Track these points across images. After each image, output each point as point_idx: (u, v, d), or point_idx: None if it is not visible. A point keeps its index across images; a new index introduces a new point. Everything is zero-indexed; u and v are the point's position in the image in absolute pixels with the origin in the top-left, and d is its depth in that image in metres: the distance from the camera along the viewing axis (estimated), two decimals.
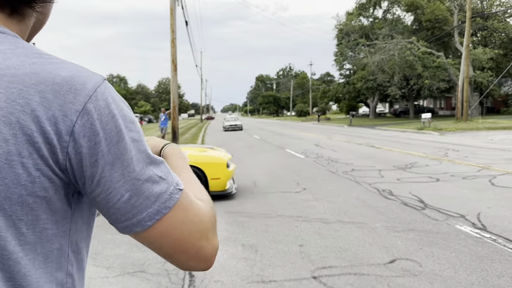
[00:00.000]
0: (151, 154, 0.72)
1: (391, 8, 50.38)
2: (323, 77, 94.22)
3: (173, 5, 16.76)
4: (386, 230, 5.22)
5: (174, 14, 16.85)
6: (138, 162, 0.69)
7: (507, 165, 10.05)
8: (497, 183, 7.86)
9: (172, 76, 17.40)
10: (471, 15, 29.33)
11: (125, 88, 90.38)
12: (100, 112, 0.66)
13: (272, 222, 5.78)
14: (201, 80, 69.10)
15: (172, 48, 16.94)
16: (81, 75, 0.68)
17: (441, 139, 19.03)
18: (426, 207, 6.30)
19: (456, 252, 4.34)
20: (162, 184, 0.70)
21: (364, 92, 49.22)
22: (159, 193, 0.69)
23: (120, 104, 0.71)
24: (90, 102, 0.66)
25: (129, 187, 0.67)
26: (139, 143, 0.70)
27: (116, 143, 0.67)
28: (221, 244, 4.90)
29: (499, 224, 5.25)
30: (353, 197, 7.18)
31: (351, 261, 4.22)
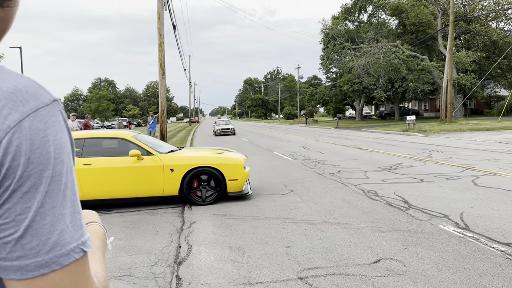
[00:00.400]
0: (74, 199, 0.65)
1: (376, 12, 51.03)
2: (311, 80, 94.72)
3: (160, 9, 16.73)
4: (371, 230, 5.29)
5: (162, 18, 16.82)
6: (52, 200, 0.61)
7: (489, 166, 10.24)
8: (480, 183, 8.02)
9: (160, 80, 17.35)
10: (454, 19, 29.83)
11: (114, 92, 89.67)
12: (34, 134, 0.61)
13: (259, 224, 5.81)
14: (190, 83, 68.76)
15: (160, 52, 16.89)
16: (28, 91, 0.63)
17: (426, 140, 19.29)
18: (410, 207, 6.40)
19: (440, 251, 4.43)
20: (66, 234, 0.62)
21: (350, 95, 49.67)
22: (57, 243, 0.60)
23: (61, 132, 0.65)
24: (26, 120, 0.61)
25: (29, 224, 0.59)
26: (63, 179, 0.63)
27: (40, 171, 0.61)
28: (209, 246, 4.93)
29: (482, 223, 5.36)
30: (339, 198, 7.25)
31: (336, 261, 4.28)
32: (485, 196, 6.90)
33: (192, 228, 5.75)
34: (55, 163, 0.62)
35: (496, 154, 12.62)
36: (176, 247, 4.97)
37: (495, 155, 12.50)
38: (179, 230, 5.69)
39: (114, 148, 7.40)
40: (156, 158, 7.27)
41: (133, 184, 7.17)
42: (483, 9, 43.69)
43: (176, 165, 7.27)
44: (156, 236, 5.45)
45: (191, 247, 4.93)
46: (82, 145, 7.18)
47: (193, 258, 4.58)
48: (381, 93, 42.09)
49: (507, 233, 4.89)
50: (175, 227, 5.87)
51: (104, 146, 7.49)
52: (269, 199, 7.44)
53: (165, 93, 18.48)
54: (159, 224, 6.04)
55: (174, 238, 5.35)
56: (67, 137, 0.67)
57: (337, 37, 49.01)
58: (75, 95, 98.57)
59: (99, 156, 7.23)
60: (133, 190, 7.23)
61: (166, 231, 5.66)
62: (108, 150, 7.39)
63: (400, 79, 40.57)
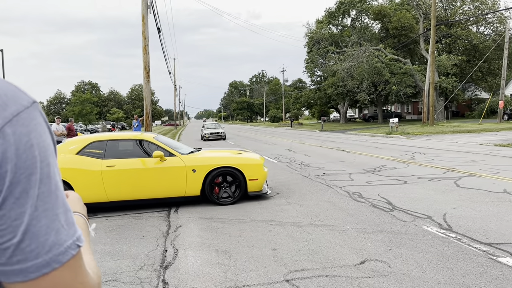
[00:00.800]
0: (63, 197, 0.67)
1: (359, 17, 51.65)
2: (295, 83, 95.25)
3: (145, 12, 16.65)
4: (356, 232, 5.34)
5: (146, 22, 16.73)
6: (44, 202, 0.62)
7: (471, 167, 10.44)
8: (462, 185, 8.17)
9: (145, 83, 17.23)
10: (435, 23, 30.38)
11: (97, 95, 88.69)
12: (18, 139, 0.61)
13: (246, 227, 5.82)
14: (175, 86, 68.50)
15: (145, 55, 16.79)
16: (6, 94, 0.62)
17: (409, 142, 19.56)
18: (394, 208, 6.48)
19: (424, 252, 4.50)
20: (62, 233, 0.63)
21: (334, 98, 50.09)
22: (55, 243, 0.62)
23: (43, 134, 0.65)
24: (9, 125, 0.60)
25: (26, 228, 0.60)
26: (52, 180, 0.64)
27: (28, 176, 0.61)
28: (195, 250, 4.91)
29: (464, 224, 5.46)
30: (324, 200, 7.30)
31: (322, 263, 4.31)
32: (467, 197, 7.03)
33: (178, 232, 5.72)
34: (41, 166, 0.63)
35: (477, 156, 12.87)
36: (162, 251, 4.94)
37: (477, 156, 12.75)
38: (165, 234, 5.65)
39: (136, 150, 7.47)
40: (178, 159, 7.37)
41: (156, 185, 7.23)
42: (464, 13, 44.61)
43: (198, 165, 7.39)
44: (141, 241, 5.41)
45: (177, 251, 4.91)
46: (105, 147, 7.23)
47: (179, 262, 4.56)
48: (364, 96, 42.58)
49: (488, 233, 4.99)
50: (161, 231, 5.84)
51: (126, 147, 7.55)
52: (255, 202, 7.45)
53: (150, 96, 18.37)
54: (145, 228, 6.00)
55: (160, 242, 5.32)
56: (50, 138, 0.67)
57: (321, 40, 49.46)
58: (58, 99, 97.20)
59: (121, 157, 7.26)
60: (156, 191, 7.29)
61: (152, 235, 5.62)
62: (130, 151, 7.44)
63: (383, 83, 41.11)
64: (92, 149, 7.17)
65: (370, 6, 48.53)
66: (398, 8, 47.01)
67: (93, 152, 7.14)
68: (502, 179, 8.61)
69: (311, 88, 61.11)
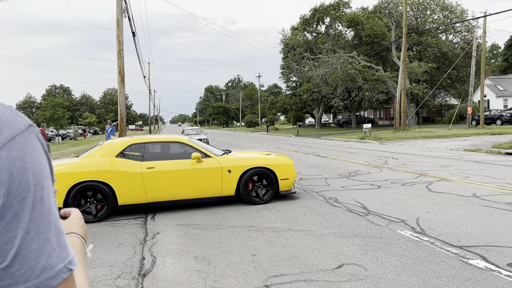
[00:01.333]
0: (56, 220, 0.66)
1: (333, 24, 52.56)
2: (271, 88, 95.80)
3: (119, 16, 16.47)
4: (333, 236, 5.44)
5: (121, 26, 16.55)
6: (37, 226, 0.62)
7: (442, 172, 10.77)
8: (433, 189, 8.41)
9: (119, 87, 17.02)
10: (407, 31, 31.20)
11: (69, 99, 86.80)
12: (12, 164, 0.61)
13: (224, 233, 5.83)
14: (149, 91, 67.66)
15: (119, 59, 16.59)
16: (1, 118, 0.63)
17: (381, 147, 19.98)
18: (369, 213, 6.62)
19: (398, 255, 4.62)
20: (53, 257, 0.63)
21: (309, 103, 50.69)
22: (45, 267, 0.62)
23: (38, 157, 0.65)
24: (3, 150, 0.61)
25: (17, 252, 0.60)
26: (45, 204, 0.64)
27: (20, 200, 0.61)
28: (173, 257, 4.89)
29: (436, 227, 5.64)
30: (301, 205, 7.39)
31: (301, 268, 4.37)
32: (439, 201, 7.25)
33: (156, 239, 5.68)
34: (35, 190, 0.63)
35: (447, 161, 13.27)
36: (140, 259, 4.89)
37: (447, 161, 13.15)
38: (142, 242, 5.60)
39: (173, 152, 7.70)
40: (214, 160, 7.62)
41: (193, 186, 7.44)
42: (434, 22, 46.01)
43: (234, 166, 7.64)
44: (118, 248, 5.35)
45: (156, 259, 4.88)
46: (143, 149, 7.41)
47: (157, 269, 4.53)
48: (338, 102, 43.24)
49: (459, 237, 5.17)
50: (138, 238, 5.78)
51: (163, 149, 7.77)
52: (233, 208, 7.46)
53: (124, 101, 18.14)
54: (121, 236, 5.93)
55: (138, 249, 5.26)
56: (45, 160, 0.67)
57: (296, 47, 50.03)
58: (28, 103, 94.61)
59: (159, 159, 7.44)
60: (193, 192, 7.49)
61: (129, 243, 5.56)
62: (167, 153, 7.66)
63: (356, 89, 41.90)
64: (131, 151, 7.32)
65: (343, 14, 49.47)
66: (370, 16, 48.10)
67: (132, 154, 7.30)
68: (471, 183, 8.92)
69: (286, 93, 61.65)
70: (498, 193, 7.77)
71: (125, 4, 17.21)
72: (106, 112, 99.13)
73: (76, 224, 0.98)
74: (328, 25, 53.00)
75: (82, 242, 0.94)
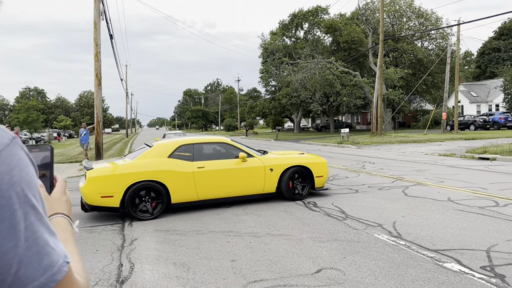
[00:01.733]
0: (47, 222, 0.70)
1: (311, 30, 53.11)
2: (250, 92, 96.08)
3: (97, 19, 16.25)
4: (312, 240, 5.48)
5: (99, 28, 16.33)
6: (33, 232, 0.66)
7: (417, 176, 10.99)
8: (409, 193, 8.58)
9: (96, 90, 16.77)
10: (383, 38, 31.81)
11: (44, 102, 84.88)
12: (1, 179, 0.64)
13: (204, 238, 5.80)
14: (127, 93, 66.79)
15: (96, 62, 16.36)
16: None
17: (359, 152, 20.25)
18: (347, 217, 6.71)
19: (376, 259, 4.69)
20: (53, 255, 0.68)
21: (288, 107, 50.99)
22: (48, 265, 0.67)
23: (26, 167, 0.69)
24: None
25: (20, 259, 0.64)
26: (37, 210, 0.68)
27: (13, 212, 0.64)
28: (152, 263, 4.84)
29: (412, 231, 5.75)
30: (281, 210, 7.42)
31: (280, 273, 4.39)
32: (415, 206, 7.40)
33: (134, 245, 5.61)
34: (25, 200, 0.66)
35: (423, 165, 13.56)
36: (118, 266, 4.82)
37: (422, 166, 13.43)
38: (120, 248, 5.52)
39: (218, 152, 8.15)
40: (257, 159, 8.16)
41: (239, 184, 7.91)
42: (410, 29, 47.06)
43: (275, 165, 8.20)
44: (95, 255, 5.26)
45: (134, 265, 4.82)
46: (192, 150, 7.80)
47: (136, 276, 4.47)
48: (317, 106, 43.67)
49: (435, 240, 5.29)
50: (116, 244, 5.69)
51: (209, 150, 8.16)
52: (213, 213, 7.44)
53: (101, 104, 17.90)
54: (98, 242, 5.83)
55: (115, 256, 5.19)
56: (32, 169, 0.70)
57: (275, 52, 50.32)
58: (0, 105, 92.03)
59: (207, 159, 7.83)
60: (239, 189, 7.96)
61: (106, 249, 5.48)
62: (213, 153, 8.10)
63: (334, 94, 42.41)
64: (181, 152, 7.68)
65: (322, 20, 50.05)
66: (348, 22, 48.86)
67: (182, 155, 7.67)
68: (446, 187, 9.14)
69: (266, 97, 61.87)
70: (471, 197, 7.98)
71: (103, 7, 17.01)
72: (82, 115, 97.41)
73: (60, 203, 0.99)
74: (307, 30, 53.54)
75: (68, 221, 0.96)
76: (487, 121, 40.29)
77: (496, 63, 65.47)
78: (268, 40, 53.47)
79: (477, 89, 56.69)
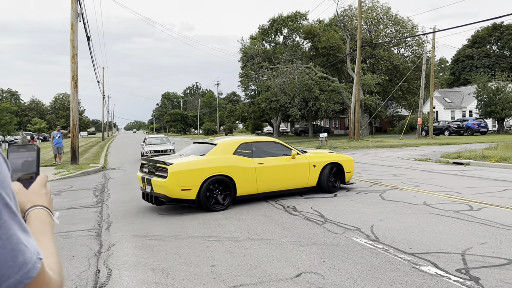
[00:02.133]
0: (20, 219, 0.71)
1: (291, 35, 53.57)
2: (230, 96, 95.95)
3: (74, 20, 15.98)
4: (292, 245, 5.50)
5: (76, 30, 16.06)
6: (6, 230, 0.67)
7: (394, 180, 11.18)
8: (386, 197, 8.72)
9: (72, 93, 16.47)
10: (361, 44, 32.32)
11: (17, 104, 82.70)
12: None
13: (183, 243, 5.75)
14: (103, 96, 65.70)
15: (73, 64, 16.07)
16: None
17: None
18: (326, 221, 6.76)
19: (354, 263, 4.74)
20: (26, 252, 0.69)
21: (268, 112, 51.15)
22: (23, 262, 0.68)
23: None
24: None
25: None
26: (10, 208, 0.69)
27: None
28: (130, 269, 4.76)
29: (390, 235, 5.84)
30: (261, 214, 7.43)
31: (261, 277, 4.39)
32: (392, 210, 7.52)
33: (111, 251, 5.51)
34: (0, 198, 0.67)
35: (399, 170, 13.80)
36: (95, 272, 4.73)
37: (399, 170, 13.67)
38: (97, 254, 5.42)
39: (271, 150, 9.08)
40: (303, 157, 9.29)
41: (290, 178, 8.99)
42: (386, 36, 47.97)
43: (317, 162, 9.43)
44: (72, 261, 5.14)
45: (111, 271, 4.73)
46: (251, 148, 8.69)
47: (113, 282, 4.39)
48: (296, 111, 43.99)
49: (412, 244, 5.39)
50: (92, 250, 5.59)
51: (263, 148, 9.00)
52: (192, 218, 7.38)
53: (77, 107, 17.61)
54: (75, 248, 5.71)
55: (92, 262, 5.09)
56: (5, 167, 0.72)
57: (255, 56, 50.47)
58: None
59: (262, 156, 8.73)
60: (289, 183, 9.02)
61: (83, 255, 5.37)
62: (266, 151, 8.96)
63: (313, 99, 42.82)
64: (242, 149, 8.52)
65: (301, 26, 50.56)
66: (327, 28, 49.46)
67: (244, 152, 8.52)
68: (422, 192, 9.32)
69: (245, 102, 61.92)
70: (446, 201, 8.17)
71: (80, 8, 16.74)
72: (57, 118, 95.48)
73: (39, 195, 0.99)
74: (286, 36, 53.96)
75: (47, 213, 0.96)
76: (461, 127, 41.37)
77: (469, 70, 67.36)
78: (247, 44, 53.62)
79: (451, 95, 58.15)
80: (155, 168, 7.95)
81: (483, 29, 71.93)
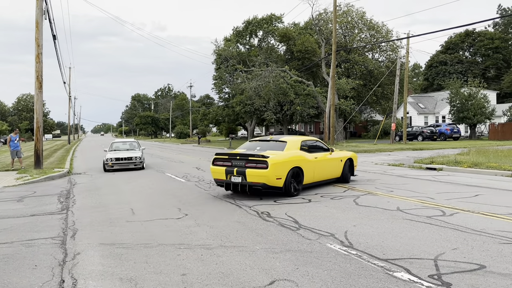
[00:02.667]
0: None
1: (266, 38, 53.65)
2: (203, 99, 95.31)
3: (39, 18, 15.45)
4: (266, 252, 5.39)
5: (41, 28, 15.54)
6: None
7: (368, 186, 11.25)
8: (360, 203, 8.74)
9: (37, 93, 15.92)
10: (336, 49, 32.67)
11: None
12: None
13: (152, 252, 5.55)
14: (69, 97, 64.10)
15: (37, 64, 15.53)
16: None
17: None
18: (300, 227, 6.69)
19: (328, 270, 4.67)
20: None
21: (242, 115, 51.05)
22: None
23: None
24: None
25: None
26: None
27: None
28: (96, 279, 4.55)
29: (363, 241, 5.81)
30: (234, 221, 7.29)
31: (233, 286, 4.26)
32: (365, 215, 7.52)
33: (77, 260, 5.26)
34: None
35: (373, 175, 13.92)
36: (59, 282, 4.49)
37: (372, 175, 13.79)
38: (61, 263, 5.16)
39: (314, 147, 11.20)
40: (335, 153, 11.74)
41: (330, 170, 11.32)
42: (361, 40, 48.69)
43: (342, 157, 11.91)
44: (34, 271, 4.87)
45: (77, 281, 4.50)
46: (307, 145, 10.86)
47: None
48: (271, 115, 44.05)
49: (385, 250, 5.37)
50: (57, 259, 5.32)
51: (311, 145, 11.14)
52: (162, 225, 7.18)
53: (41, 109, 17.05)
54: (37, 257, 5.42)
55: (56, 272, 4.83)
56: None
57: (229, 58, 50.33)
58: None
59: (313, 152, 10.79)
60: (327, 174, 11.27)
61: (46, 265, 5.10)
62: (313, 148, 11.07)
63: (288, 103, 42.97)
64: (303, 146, 10.63)
65: (276, 28, 50.69)
66: (302, 32, 49.79)
67: (304, 148, 10.61)
68: (395, 197, 9.39)
69: (219, 105, 61.64)
70: (419, 207, 8.24)
71: (46, 5, 16.22)
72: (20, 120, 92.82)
73: None
74: (261, 38, 53.99)
75: None
76: (434, 132, 42.35)
77: (442, 76, 69.20)
78: (222, 46, 53.38)
79: (424, 101, 59.54)
80: (247, 161, 9.33)
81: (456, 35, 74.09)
